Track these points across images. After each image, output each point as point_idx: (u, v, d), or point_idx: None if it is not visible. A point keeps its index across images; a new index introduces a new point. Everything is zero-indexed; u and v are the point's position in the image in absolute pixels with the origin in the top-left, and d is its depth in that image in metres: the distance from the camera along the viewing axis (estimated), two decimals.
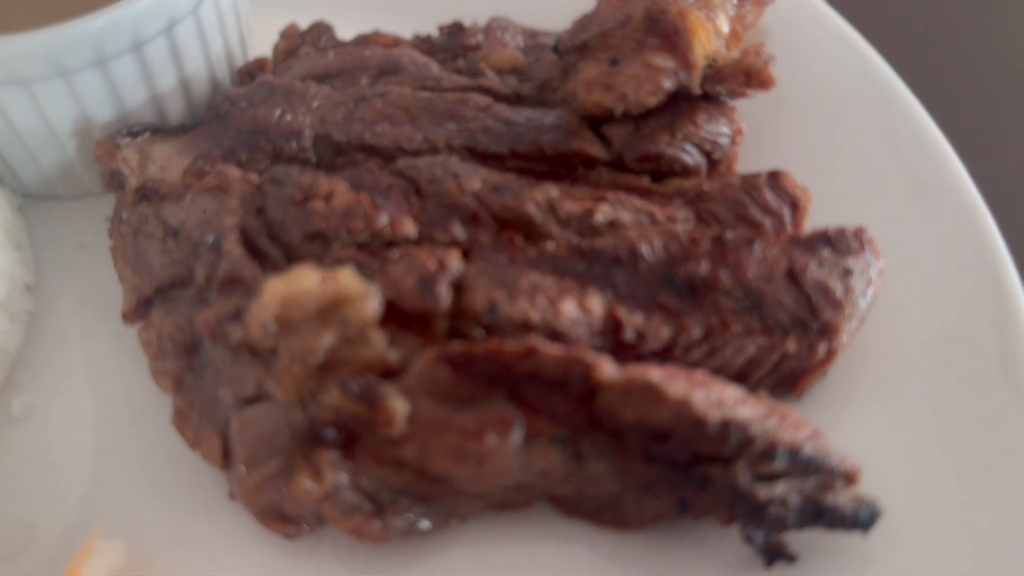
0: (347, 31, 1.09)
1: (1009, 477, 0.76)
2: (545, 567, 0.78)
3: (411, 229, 0.82)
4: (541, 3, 1.14)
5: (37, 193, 1.03)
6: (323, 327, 0.71)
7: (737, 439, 0.68)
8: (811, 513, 0.69)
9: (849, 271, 0.79)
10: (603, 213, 0.84)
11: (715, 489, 0.70)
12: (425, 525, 0.75)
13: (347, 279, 0.72)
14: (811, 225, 0.86)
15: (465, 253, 0.81)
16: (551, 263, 0.80)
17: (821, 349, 0.78)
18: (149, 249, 0.87)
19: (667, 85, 0.89)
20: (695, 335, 0.78)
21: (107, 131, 0.96)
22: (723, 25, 0.92)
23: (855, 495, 0.71)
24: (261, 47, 1.12)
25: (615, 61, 0.91)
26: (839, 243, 0.80)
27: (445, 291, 0.76)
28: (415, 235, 0.82)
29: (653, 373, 0.70)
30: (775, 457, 0.68)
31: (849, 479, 0.70)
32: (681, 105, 0.92)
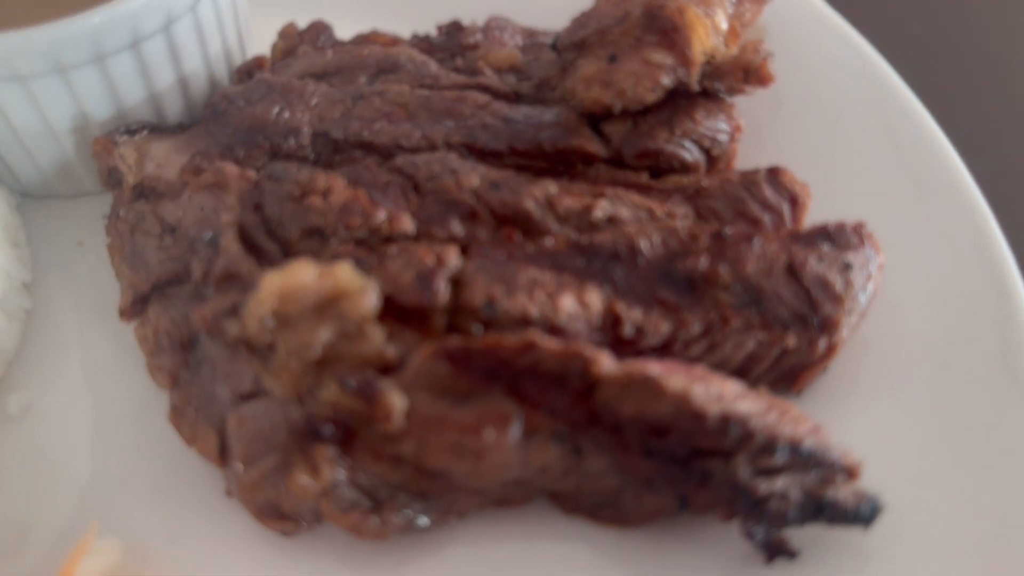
0: (346, 31, 1.09)
1: (1010, 472, 0.76)
2: (544, 565, 0.77)
3: (409, 225, 0.82)
4: (540, 3, 1.14)
5: (35, 192, 1.02)
6: (320, 322, 0.71)
7: (737, 433, 0.67)
8: (812, 508, 0.69)
9: (849, 266, 0.78)
10: (602, 209, 0.84)
11: (715, 484, 0.69)
12: (423, 522, 0.75)
13: (345, 274, 0.71)
14: (810, 223, 0.86)
15: (463, 249, 0.80)
16: (550, 259, 0.79)
17: (821, 344, 0.78)
18: (146, 246, 0.87)
19: (666, 82, 0.88)
20: (694, 330, 0.77)
21: (105, 129, 0.96)
22: (721, 22, 0.92)
23: (856, 490, 0.70)
24: (260, 47, 1.11)
25: (614, 58, 0.90)
26: (839, 238, 0.80)
27: (443, 286, 0.76)
28: (413, 231, 0.82)
29: (652, 367, 0.69)
30: (775, 451, 0.68)
31: (850, 474, 0.70)
32: (680, 102, 0.91)
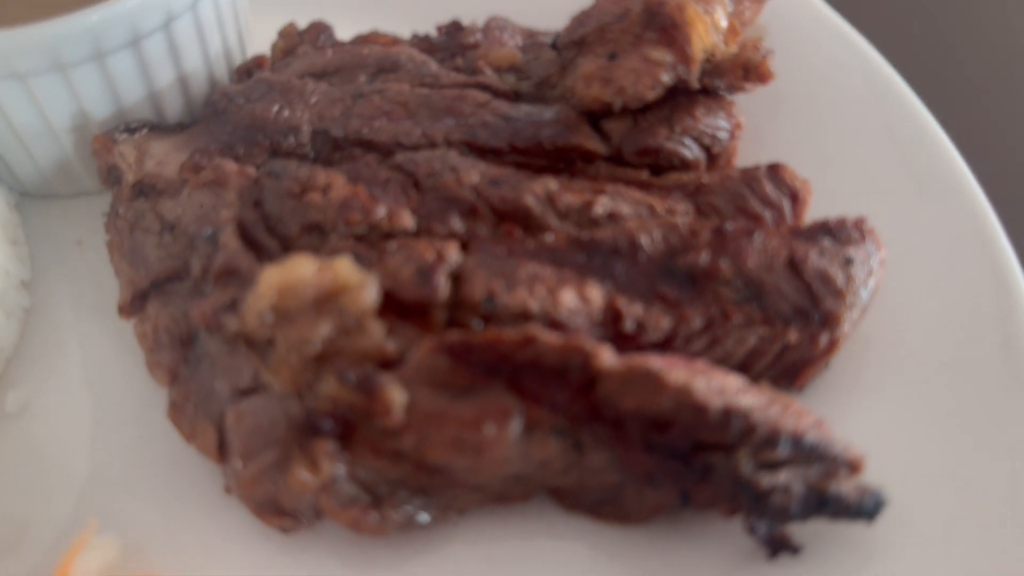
0: (345, 32, 1.10)
1: (1013, 467, 0.76)
2: (545, 563, 0.77)
3: (409, 221, 0.82)
4: (539, 4, 1.14)
5: (34, 191, 1.02)
6: (320, 317, 0.71)
7: (739, 426, 0.67)
8: (815, 502, 0.68)
9: (850, 260, 0.78)
10: (602, 205, 0.84)
11: (717, 478, 0.69)
12: (423, 518, 0.74)
13: (344, 268, 0.71)
14: (811, 220, 0.85)
15: (463, 245, 0.80)
16: (550, 255, 0.79)
17: (823, 339, 0.78)
18: (145, 243, 0.87)
19: (665, 79, 0.88)
20: (696, 326, 0.77)
21: (104, 128, 0.96)
22: (721, 19, 0.92)
23: (859, 484, 0.70)
24: (260, 46, 1.12)
25: (613, 55, 0.90)
26: (840, 233, 0.80)
27: (443, 281, 0.76)
28: (413, 227, 0.82)
29: (653, 361, 0.69)
30: (778, 444, 0.67)
31: (853, 468, 0.70)
32: (680, 99, 0.91)
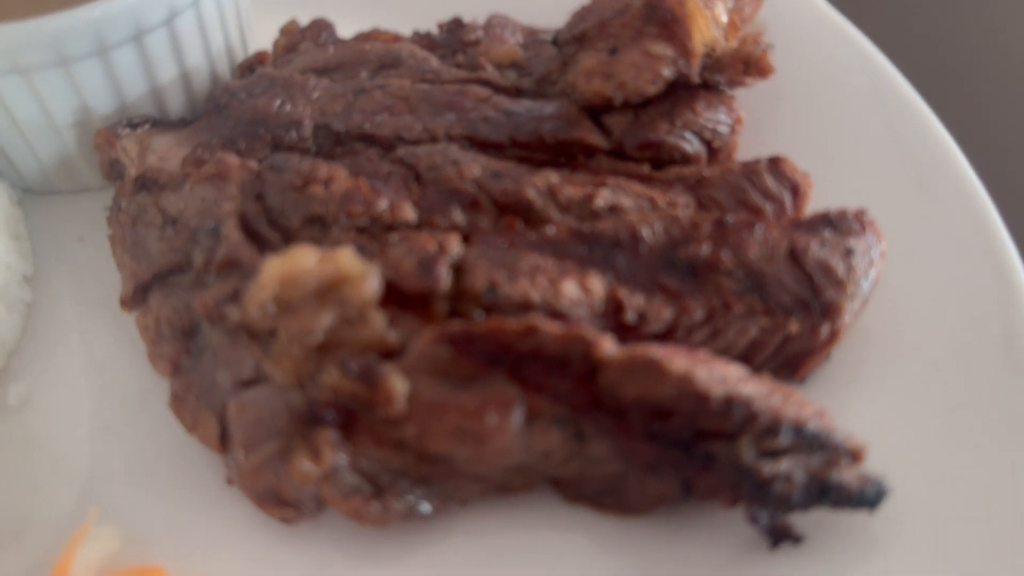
0: (347, 31, 1.10)
1: (1014, 458, 0.76)
2: (547, 555, 0.76)
3: (411, 214, 0.82)
4: (540, 3, 1.14)
5: (36, 187, 1.02)
6: (322, 307, 0.71)
7: (740, 415, 0.67)
8: (816, 490, 0.68)
9: (851, 251, 0.78)
10: (603, 198, 0.84)
11: (719, 467, 0.69)
12: (425, 508, 0.74)
13: (346, 259, 0.71)
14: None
15: (465, 238, 0.80)
16: (551, 246, 0.79)
17: (824, 330, 0.78)
18: (147, 237, 0.87)
19: (666, 73, 0.89)
20: (697, 316, 0.77)
21: (107, 123, 0.96)
22: (721, 14, 0.92)
23: (861, 473, 0.69)
24: (261, 44, 1.12)
25: (614, 50, 0.91)
26: (840, 224, 0.80)
27: (445, 272, 0.76)
28: (415, 220, 0.82)
29: (655, 350, 0.69)
30: (779, 433, 0.67)
31: (854, 456, 0.70)
32: (680, 94, 0.92)
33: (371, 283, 0.71)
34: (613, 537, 0.76)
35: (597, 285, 0.77)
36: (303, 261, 0.71)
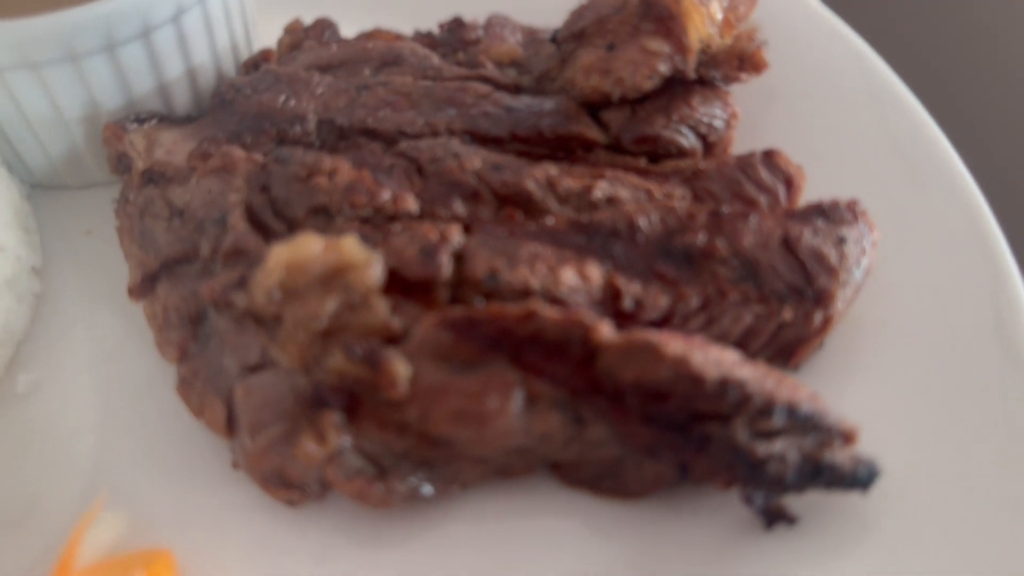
0: (349, 31, 1.12)
1: (1003, 443, 0.77)
2: (547, 539, 0.78)
3: (413, 205, 0.84)
4: (539, 3, 1.16)
5: (44, 181, 1.04)
6: (327, 293, 0.72)
7: (735, 396, 0.69)
8: (810, 471, 0.70)
9: (843, 239, 0.80)
10: (601, 190, 0.86)
11: (714, 449, 0.70)
12: (427, 490, 0.76)
13: (350, 246, 0.73)
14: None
15: (466, 228, 0.82)
16: (550, 236, 0.81)
17: (817, 317, 0.79)
18: (155, 228, 0.89)
19: (663, 69, 0.91)
20: (693, 304, 0.79)
21: (114, 118, 0.97)
22: (716, 12, 0.94)
23: (853, 454, 0.71)
24: (265, 43, 1.14)
25: (612, 47, 0.93)
26: (833, 214, 0.82)
27: (447, 260, 0.77)
28: (417, 211, 0.84)
29: (652, 334, 0.71)
30: (773, 414, 0.69)
31: (847, 438, 0.71)
32: (677, 89, 0.94)
33: (374, 270, 0.73)
34: (611, 520, 0.78)
35: (595, 273, 0.78)
36: (308, 248, 0.72)
